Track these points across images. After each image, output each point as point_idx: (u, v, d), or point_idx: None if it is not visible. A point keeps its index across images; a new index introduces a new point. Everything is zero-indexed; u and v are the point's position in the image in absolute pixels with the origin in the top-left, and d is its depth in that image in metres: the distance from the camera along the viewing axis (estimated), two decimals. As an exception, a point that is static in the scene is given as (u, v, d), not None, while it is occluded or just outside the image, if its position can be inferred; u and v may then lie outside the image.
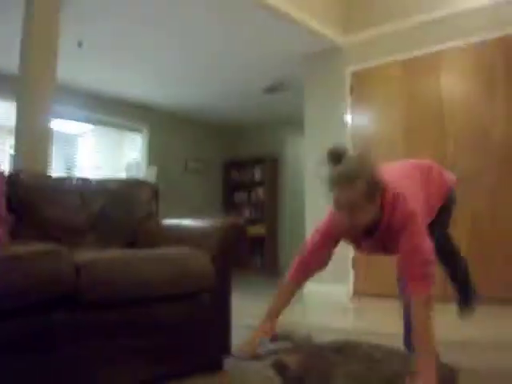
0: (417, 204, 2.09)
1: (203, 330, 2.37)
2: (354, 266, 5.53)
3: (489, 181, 4.82)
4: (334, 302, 5.11)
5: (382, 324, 3.82)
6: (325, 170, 1.99)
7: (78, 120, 7.66)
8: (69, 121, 7.58)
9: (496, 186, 4.78)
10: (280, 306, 2.26)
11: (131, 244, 2.85)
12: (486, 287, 4.70)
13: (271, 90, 7.42)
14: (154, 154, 8.51)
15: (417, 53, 5.34)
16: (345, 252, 5.50)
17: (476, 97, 4.96)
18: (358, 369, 1.99)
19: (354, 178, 1.92)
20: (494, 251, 4.73)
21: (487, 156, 4.84)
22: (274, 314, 2.23)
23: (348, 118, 5.78)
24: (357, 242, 2.28)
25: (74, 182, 3.00)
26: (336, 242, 2.28)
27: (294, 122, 8.86)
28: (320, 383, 1.97)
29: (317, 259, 2.27)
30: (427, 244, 1.99)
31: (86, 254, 2.09)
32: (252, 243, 8.90)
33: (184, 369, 2.30)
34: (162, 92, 7.71)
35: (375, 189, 1.97)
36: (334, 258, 2.34)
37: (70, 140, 7.98)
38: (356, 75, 5.78)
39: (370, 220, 2.01)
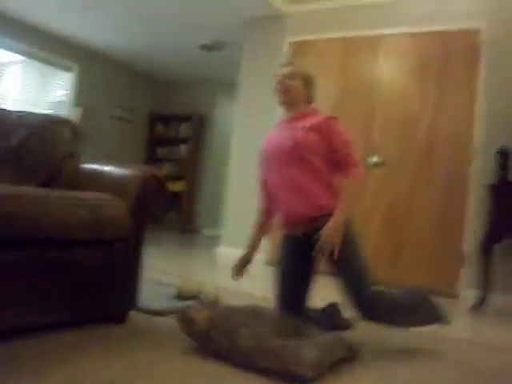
0: None
1: (111, 279, 2.33)
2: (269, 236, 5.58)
3: (409, 169, 4.96)
4: (248, 268, 5.13)
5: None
6: None
7: (5, 49, 7.26)
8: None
9: (415, 175, 4.94)
10: (260, 233, 2.92)
11: (48, 183, 2.75)
12: (393, 274, 4.92)
13: (208, 47, 7.30)
14: (81, 95, 8.23)
15: (357, 33, 5.39)
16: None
17: (408, 86, 5.07)
18: (262, 331, 2.02)
19: (294, 65, 2.79)
20: (406, 235, 4.90)
21: (411, 145, 4.99)
22: (256, 239, 2.92)
23: (282, 86, 5.76)
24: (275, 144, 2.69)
25: (-7, 111, 2.84)
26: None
27: (226, 83, 8.82)
28: (225, 340, 1.99)
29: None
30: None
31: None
32: (170, 199, 8.84)
33: (87, 318, 2.27)
34: (98, 33, 7.42)
35: (307, 83, 2.78)
36: (248, 224, 2.53)
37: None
38: (294, 46, 5.76)
39: (296, 92, 2.72)
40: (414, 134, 4.98)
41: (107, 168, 2.60)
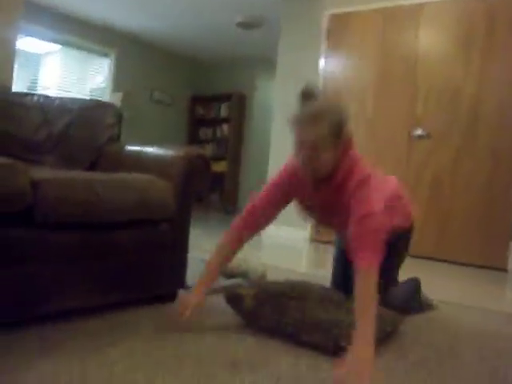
0: (379, 188, 2.02)
1: (159, 259, 2.35)
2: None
3: (455, 141, 4.85)
4: (292, 245, 5.16)
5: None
6: (294, 110, 1.96)
7: (44, 39, 7.37)
8: (35, 39, 7.29)
9: (461, 146, 4.82)
10: (222, 260, 2.19)
11: (92, 167, 2.79)
12: (438, 248, 4.87)
13: (246, 25, 7.24)
14: (121, 80, 8.32)
15: (397, 2, 5.26)
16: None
17: (452, 55, 4.94)
18: (309, 305, 2.02)
19: (319, 118, 1.86)
20: (451, 209, 4.82)
21: (456, 116, 4.87)
22: (214, 270, 2.15)
23: (322, 62, 5.71)
24: (308, 200, 2.20)
25: (36, 98, 2.89)
26: (287, 199, 2.22)
27: (266, 61, 8.75)
28: (273, 315, 2.00)
29: (266, 211, 2.19)
30: (379, 211, 1.86)
31: (44, 172, 2.02)
32: (213, 180, 8.88)
33: (137, 298, 2.30)
34: (134, 18, 7.47)
35: (339, 136, 1.91)
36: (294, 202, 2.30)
37: (34, 59, 7.69)
38: (334, 19, 5.67)
39: (329, 166, 1.96)
40: (458, 105, 4.86)
41: (151, 150, 2.61)
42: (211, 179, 2.68)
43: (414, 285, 2.73)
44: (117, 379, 1.51)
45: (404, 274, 2.75)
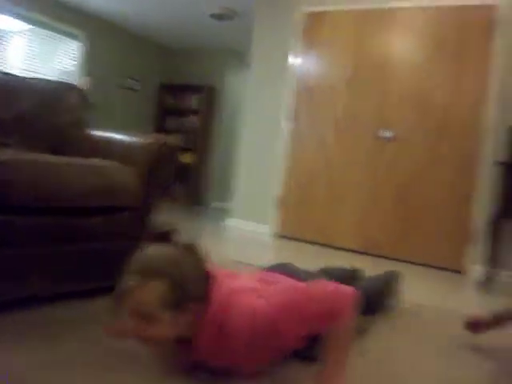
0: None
1: (125, 247, 2.30)
2: (278, 208, 5.55)
3: (421, 145, 4.91)
4: (255, 239, 5.14)
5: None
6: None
7: (12, 16, 7.19)
8: (2, 16, 7.11)
9: (427, 150, 4.88)
10: None
11: (56, 151, 2.72)
12: (401, 249, 4.92)
13: (218, 16, 7.18)
14: (90, 64, 8.17)
15: (371, 6, 5.27)
16: (269, 192, 5.52)
17: (423, 60, 4.97)
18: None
19: (151, 276, 1.39)
20: (415, 211, 4.88)
21: (424, 120, 4.91)
22: None
23: (295, 58, 5.69)
24: None
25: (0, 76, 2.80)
26: None
27: (238, 53, 8.71)
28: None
29: None
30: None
31: (6, 155, 1.96)
32: (178, 171, 8.80)
33: (103, 286, 2.24)
34: (106, 1, 7.33)
35: (185, 296, 1.42)
36: (258, 197, 2.27)
37: (0, 37, 7.49)
38: (308, 16, 5.65)
39: (173, 334, 1.46)
40: (427, 110, 4.90)
41: (117, 136, 2.57)
42: (176, 168, 2.64)
43: (383, 281, 2.68)
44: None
45: (366, 273, 2.76)
